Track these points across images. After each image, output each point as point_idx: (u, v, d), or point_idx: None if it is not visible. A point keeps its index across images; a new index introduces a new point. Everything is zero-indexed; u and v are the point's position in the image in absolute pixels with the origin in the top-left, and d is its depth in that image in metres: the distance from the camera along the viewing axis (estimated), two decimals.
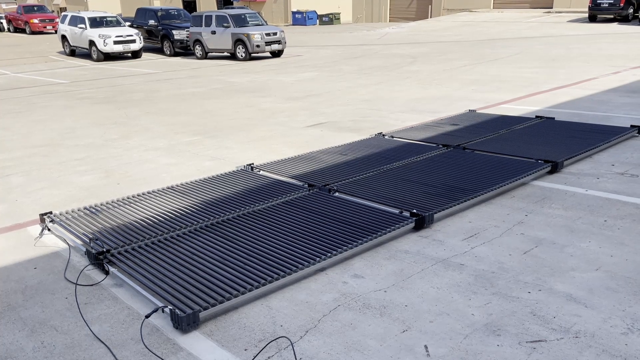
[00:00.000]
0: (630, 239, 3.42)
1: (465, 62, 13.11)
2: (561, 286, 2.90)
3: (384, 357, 2.39)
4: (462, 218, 3.91)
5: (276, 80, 11.63)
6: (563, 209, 3.98)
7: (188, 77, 12.95)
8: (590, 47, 15.09)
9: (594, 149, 5.34)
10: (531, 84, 9.67)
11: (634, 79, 9.67)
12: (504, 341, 2.45)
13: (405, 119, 7.34)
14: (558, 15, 27.00)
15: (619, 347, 2.36)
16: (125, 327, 2.70)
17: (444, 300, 2.83)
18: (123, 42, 17.60)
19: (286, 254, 3.26)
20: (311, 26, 33.26)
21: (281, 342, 2.52)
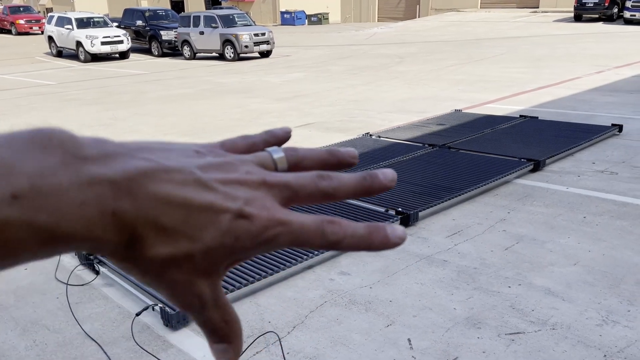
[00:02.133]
0: (608, 235, 3.53)
1: (452, 62, 13.25)
2: (540, 280, 3.00)
3: (369, 350, 2.47)
4: (446, 216, 4.00)
5: (265, 81, 11.69)
6: (544, 206, 4.09)
7: (176, 77, 12.96)
8: (575, 46, 15.30)
9: (575, 148, 5.46)
10: (516, 83, 9.81)
11: (616, 78, 9.85)
12: (484, 334, 2.54)
13: (392, 119, 7.43)
14: (544, 15, 27.30)
15: (593, 338, 2.46)
16: (117, 325, 2.75)
17: (427, 296, 2.91)
18: (110, 42, 17.52)
19: (274, 252, 3.33)
20: (300, 26, 33.33)
21: (269, 337, 2.59)
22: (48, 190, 0.23)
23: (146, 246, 0.25)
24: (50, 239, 0.23)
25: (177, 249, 0.26)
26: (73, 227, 0.24)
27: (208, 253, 0.26)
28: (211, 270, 0.27)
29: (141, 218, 0.25)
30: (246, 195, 0.27)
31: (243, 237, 0.27)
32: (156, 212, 0.25)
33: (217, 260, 0.27)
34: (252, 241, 0.27)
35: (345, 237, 0.29)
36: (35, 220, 0.23)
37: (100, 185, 0.24)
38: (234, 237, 0.27)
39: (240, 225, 0.27)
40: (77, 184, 0.24)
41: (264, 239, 0.27)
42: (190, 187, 0.26)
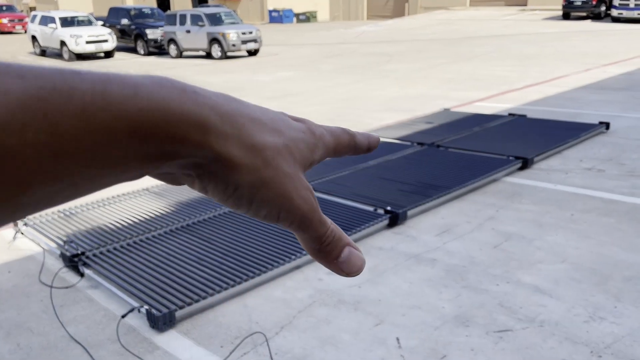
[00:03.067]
0: (595, 232, 3.55)
1: (441, 61, 13.29)
2: (528, 278, 3.00)
3: (357, 350, 2.45)
4: (435, 214, 4.00)
5: (253, 80, 11.64)
6: (532, 204, 4.10)
7: None
8: (563, 44, 15.41)
9: (563, 145, 5.49)
10: (505, 82, 9.85)
11: (604, 76, 9.92)
12: (473, 332, 2.53)
13: (382, 117, 7.43)
14: (532, 13, 27.46)
15: (580, 335, 2.46)
16: (102, 328, 2.72)
17: (416, 294, 2.91)
18: (95, 42, 17.34)
19: (262, 252, 3.30)
20: (288, 24, 33.26)
21: (257, 338, 2.57)
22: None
23: (251, 135, 0.29)
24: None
25: (274, 138, 0.30)
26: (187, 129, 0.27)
27: (297, 143, 0.31)
28: (304, 161, 0.32)
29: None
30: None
31: (310, 135, 0.33)
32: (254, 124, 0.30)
33: (305, 152, 0.32)
34: (314, 140, 0.33)
35: (356, 134, 0.37)
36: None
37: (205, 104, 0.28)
38: (307, 134, 0.33)
39: (307, 131, 0.33)
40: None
41: (318, 135, 0.34)
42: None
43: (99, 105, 0.23)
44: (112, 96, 0.24)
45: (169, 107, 0.26)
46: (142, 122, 0.25)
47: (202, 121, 0.27)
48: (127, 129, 0.24)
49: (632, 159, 5.07)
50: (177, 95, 0.26)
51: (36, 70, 0.23)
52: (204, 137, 0.27)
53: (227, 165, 0.28)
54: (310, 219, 0.31)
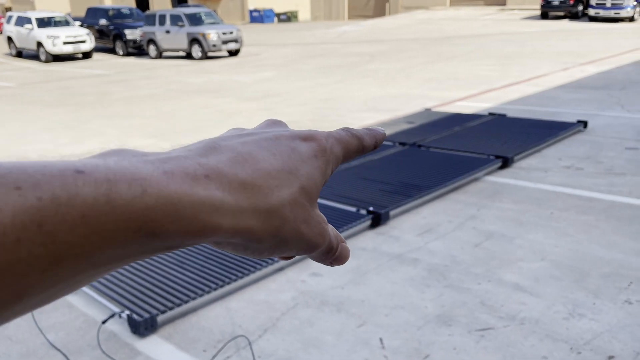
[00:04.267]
0: (574, 230, 3.60)
1: (422, 60, 13.37)
2: (509, 276, 3.03)
3: (341, 351, 2.45)
4: (417, 214, 4.02)
5: (234, 81, 11.58)
6: (513, 202, 4.15)
7: (142, 78, 12.74)
8: (541, 44, 15.62)
9: (542, 144, 5.56)
10: (485, 81, 9.95)
11: (582, 75, 10.08)
12: (455, 330, 2.55)
13: (363, 117, 7.45)
14: (511, 12, 27.79)
15: (560, 332, 2.50)
16: (82, 334, 2.68)
17: (399, 294, 2.92)
18: (73, 42, 17.09)
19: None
20: (269, 24, 33.19)
21: (240, 341, 2.55)
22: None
23: (267, 196, 0.29)
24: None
25: (290, 188, 0.30)
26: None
27: (311, 175, 0.32)
28: (319, 189, 0.32)
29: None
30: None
31: (321, 154, 0.33)
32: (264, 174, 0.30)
33: (319, 180, 0.32)
34: (326, 158, 0.33)
35: (363, 135, 0.37)
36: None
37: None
38: (319, 155, 0.33)
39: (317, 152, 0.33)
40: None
41: (329, 151, 0.34)
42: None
43: (102, 210, 0.22)
44: (117, 198, 0.23)
45: (180, 201, 0.25)
46: (150, 221, 0.24)
47: (216, 207, 0.26)
48: (133, 229, 0.23)
49: (609, 157, 5.16)
50: (188, 186, 0.25)
51: (35, 175, 0.22)
52: (219, 223, 0.26)
53: (245, 236, 0.28)
54: (322, 245, 0.33)
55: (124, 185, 0.23)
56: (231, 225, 0.27)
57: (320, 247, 0.32)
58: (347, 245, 0.36)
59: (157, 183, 0.24)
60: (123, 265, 0.25)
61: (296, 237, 0.30)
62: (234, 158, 0.29)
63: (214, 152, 0.29)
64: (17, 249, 0.20)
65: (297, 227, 0.30)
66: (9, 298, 0.21)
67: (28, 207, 0.21)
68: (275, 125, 0.36)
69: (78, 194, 0.22)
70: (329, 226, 0.34)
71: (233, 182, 0.27)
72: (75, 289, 0.25)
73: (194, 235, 0.25)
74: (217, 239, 0.27)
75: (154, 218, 0.24)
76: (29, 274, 0.21)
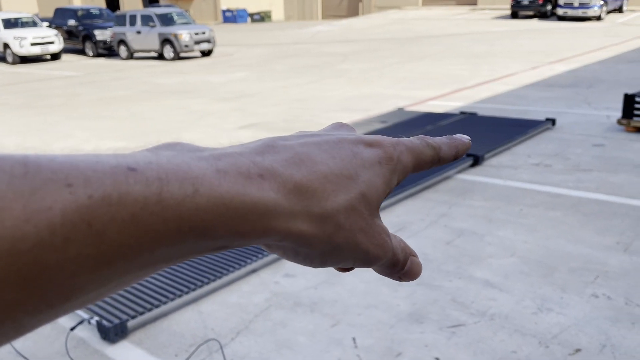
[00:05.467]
0: (542, 226, 3.67)
1: (395, 60, 13.47)
2: (480, 273, 3.07)
3: (314, 352, 2.46)
4: (390, 213, 4.05)
5: (206, 81, 11.49)
6: (483, 200, 4.21)
7: (113, 79, 12.55)
8: (511, 43, 15.88)
9: (512, 142, 5.65)
10: (456, 80, 10.07)
11: (550, 73, 10.28)
12: (427, 328, 2.58)
13: (337, 117, 7.46)
14: (482, 12, 28.19)
15: (529, 326, 2.54)
16: (50, 342, 2.62)
17: (372, 294, 2.93)
18: (41, 43, 16.72)
19: (218, 256, 3.27)
20: (242, 24, 33.02)
21: (212, 345, 2.53)
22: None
23: (322, 201, 0.27)
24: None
25: (348, 193, 0.28)
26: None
27: (373, 183, 0.30)
28: (381, 199, 0.31)
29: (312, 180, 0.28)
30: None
31: (387, 161, 0.31)
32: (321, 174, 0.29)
33: (381, 189, 0.30)
34: (392, 167, 0.31)
35: (441, 145, 0.34)
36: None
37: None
38: (384, 161, 0.31)
39: (380, 161, 0.31)
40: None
41: (396, 159, 0.32)
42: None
43: (152, 210, 0.22)
44: (168, 197, 0.22)
45: (232, 202, 0.24)
46: (200, 221, 0.23)
47: (269, 208, 0.25)
48: (183, 230, 0.23)
49: (576, 153, 5.28)
50: (241, 185, 0.25)
51: (86, 172, 0.21)
52: (271, 225, 0.25)
53: (296, 240, 0.27)
54: (382, 258, 0.31)
55: (176, 184, 0.23)
56: (282, 228, 0.26)
57: (381, 260, 0.31)
58: (419, 260, 0.34)
59: (209, 182, 0.24)
60: (172, 264, 0.25)
61: (351, 247, 0.29)
62: (290, 158, 0.28)
63: (270, 151, 0.28)
64: (66, 249, 0.20)
65: (352, 236, 0.29)
66: (57, 297, 0.21)
67: (79, 205, 0.20)
68: (342, 129, 0.34)
69: (129, 192, 0.22)
70: (396, 238, 0.32)
71: (288, 183, 0.27)
72: (123, 288, 0.24)
73: (244, 237, 0.25)
74: (268, 241, 0.27)
75: (205, 219, 0.23)
76: (78, 274, 0.21)
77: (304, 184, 0.27)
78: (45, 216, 0.20)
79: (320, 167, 0.28)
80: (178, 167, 0.24)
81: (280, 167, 0.27)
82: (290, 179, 0.27)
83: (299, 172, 0.27)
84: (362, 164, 0.30)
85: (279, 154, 0.28)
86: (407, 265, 0.33)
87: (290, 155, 0.28)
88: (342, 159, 0.29)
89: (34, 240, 0.19)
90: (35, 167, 0.21)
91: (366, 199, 0.29)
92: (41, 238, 0.20)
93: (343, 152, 0.30)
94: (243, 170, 0.26)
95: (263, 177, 0.26)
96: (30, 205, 0.20)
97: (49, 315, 0.21)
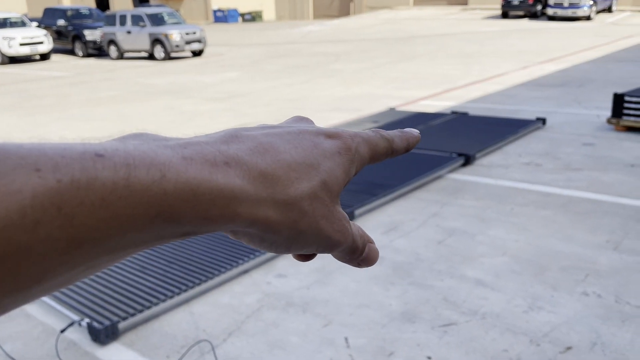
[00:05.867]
0: (533, 225, 3.69)
1: (386, 60, 13.48)
2: (471, 272, 3.08)
3: (306, 352, 2.45)
4: (382, 213, 4.05)
5: (197, 81, 11.45)
6: (475, 199, 4.22)
7: (103, 79, 12.47)
8: (502, 43, 15.95)
9: (503, 141, 5.68)
10: (448, 80, 10.11)
11: (541, 73, 10.34)
12: (419, 327, 2.58)
13: (328, 117, 7.46)
14: (473, 12, 28.30)
15: (520, 325, 2.55)
16: (40, 344, 2.60)
17: (363, 293, 2.93)
18: (30, 44, 16.58)
19: (209, 257, 3.25)
20: (233, 24, 32.93)
21: (204, 346, 2.52)
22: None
23: (286, 188, 0.28)
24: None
25: (310, 181, 0.29)
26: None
27: (333, 172, 0.31)
28: (341, 187, 0.32)
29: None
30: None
31: (346, 152, 0.32)
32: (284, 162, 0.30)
33: (341, 177, 0.31)
34: (350, 157, 0.32)
35: (394, 138, 0.36)
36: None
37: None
38: (343, 152, 0.32)
39: (337, 147, 0.32)
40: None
41: (354, 150, 0.33)
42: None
43: (121, 195, 0.22)
44: (136, 182, 0.23)
45: (199, 187, 0.25)
46: (168, 206, 0.24)
47: (235, 194, 0.26)
48: (151, 214, 0.23)
49: (567, 153, 5.31)
50: (207, 172, 0.25)
51: (55, 158, 0.22)
52: (237, 211, 0.26)
53: (263, 227, 0.28)
54: (343, 243, 0.32)
55: (143, 170, 0.23)
56: (249, 214, 0.27)
57: (342, 245, 0.32)
58: (376, 247, 0.35)
59: (176, 169, 0.24)
60: (140, 250, 0.25)
61: (315, 232, 0.30)
62: (254, 148, 0.29)
63: (235, 140, 0.29)
64: (36, 231, 0.21)
65: (315, 222, 0.30)
66: (28, 280, 0.21)
67: (48, 189, 0.21)
68: (302, 122, 0.35)
69: (97, 177, 0.22)
70: (355, 226, 0.33)
71: (252, 170, 0.27)
72: (93, 273, 0.25)
73: (212, 222, 0.25)
74: (234, 228, 0.27)
75: (172, 204, 0.24)
76: (48, 256, 0.21)
77: (269, 172, 0.28)
78: (15, 199, 0.20)
79: (283, 156, 0.29)
80: (145, 154, 0.24)
81: (245, 156, 0.28)
82: (255, 166, 0.28)
83: (264, 160, 0.28)
84: (322, 154, 0.31)
85: (243, 143, 0.29)
86: (365, 251, 0.34)
87: (254, 145, 0.29)
88: (304, 149, 0.30)
89: (4, 222, 0.20)
90: (3, 153, 0.21)
91: (327, 186, 0.30)
92: (12, 220, 0.20)
93: (305, 142, 0.31)
94: (209, 157, 0.26)
95: (229, 164, 0.27)
96: (0, 188, 0.20)
97: (20, 298, 0.22)
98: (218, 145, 0.27)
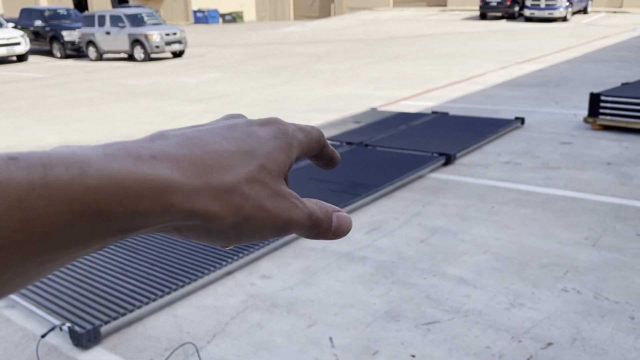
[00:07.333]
0: (514, 222, 3.74)
1: (367, 61, 13.54)
2: (454, 270, 3.12)
3: (291, 352, 2.45)
4: (365, 212, 4.07)
5: (179, 82, 11.37)
6: (456, 198, 4.27)
7: (82, 80, 12.31)
8: (481, 43, 16.13)
9: (483, 141, 5.74)
10: (428, 80, 10.18)
11: (519, 73, 10.48)
12: (402, 326, 2.60)
13: (311, 118, 7.47)
14: (452, 13, 28.56)
15: (502, 322, 2.59)
16: (21, 349, 2.56)
17: (348, 293, 2.94)
18: (6, 45, 16.29)
19: (192, 259, 3.24)
20: (214, 25, 32.75)
21: (188, 348, 2.51)
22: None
23: (222, 175, 0.28)
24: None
25: (248, 166, 0.29)
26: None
27: (272, 154, 0.31)
28: (283, 169, 0.31)
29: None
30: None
31: (283, 136, 0.32)
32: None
33: (281, 159, 0.31)
34: (288, 140, 0.32)
35: (325, 143, 0.37)
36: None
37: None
38: (280, 136, 0.32)
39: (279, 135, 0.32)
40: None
41: (291, 133, 0.33)
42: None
43: (39, 194, 0.22)
44: (54, 180, 0.22)
45: (124, 180, 0.24)
46: (92, 201, 0.23)
47: (165, 185, 0.25)
48: (75, 211, 0.23)
49: (545, 151, 5.39)
50: (132, 165, 0.25)
51: None
52: (170, 201, 0.25)
53: (204, 217, 0.27)
54: (298, 220, 0.31)
55: (61, 168, 0.23)
56: (184, 205, 0.26)
57: (297, 223, 0.31)
58: (345, 213, 0.34)
59: (97, 164, 0.24)
60: (79, 255, 0.25)
61: (262, 215, 0.29)
62: (182, 142, 0.28)
63: (160, 138, 0.28)
64: None
65: (260, 204, 0.29)
66: None
67: None
68: (233, 118, 0.35)
69: (11, 178, 0.22)
70: (311, 201, 0.33)
71: (182, 162, 0.27)
72: (28, 283, 0.24)
73: (144, 216, 0.25)
74: (172, 221, 0.26)
75: (97, 199, 0.23)
76: None
77: (200, 162, 0.27)
78: None
79: (214, 147, 0.29)
80: (62, 153, 0.24)
81: (172, 150, 0.27)
82: (183, 158, 0.27)
83: (192, 152, 0.28)
84: (257, 141, 0.31)
85: (168, 139, 0.28)
86: (333, 222, 0.33)
87: (181, 140, 0.28)
88: (236, 139, 0.30)
89: None
90: None
91: (267, 169, 0.30)
92: None
93: (236, 134, 0.30)
94: (133, 153, 0.25)
95: (155, 157, 0.26)
96: None
97: None
98: (141, 143, 0.27)
